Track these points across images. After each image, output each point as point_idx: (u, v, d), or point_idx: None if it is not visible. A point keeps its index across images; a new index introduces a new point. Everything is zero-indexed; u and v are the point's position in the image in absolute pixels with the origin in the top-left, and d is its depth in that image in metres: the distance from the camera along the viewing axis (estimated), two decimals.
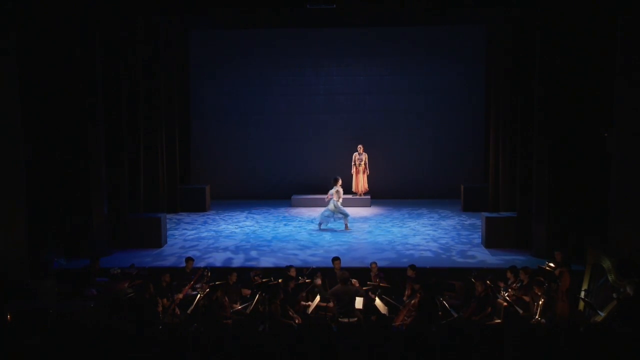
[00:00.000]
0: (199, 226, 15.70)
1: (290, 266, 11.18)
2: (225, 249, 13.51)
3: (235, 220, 16.23)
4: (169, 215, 15.79)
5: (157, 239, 13.68)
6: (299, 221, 16.13)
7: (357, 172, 18.03)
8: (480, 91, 18.58)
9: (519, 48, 13.86)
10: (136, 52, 14.66)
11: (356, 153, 18.03)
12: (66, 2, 12.30)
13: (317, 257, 12.82)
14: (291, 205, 18.10)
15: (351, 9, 15.61)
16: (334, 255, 11.82)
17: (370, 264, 11.35)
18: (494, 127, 16.12)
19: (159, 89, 15.96)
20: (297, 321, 9.91)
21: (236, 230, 15.15)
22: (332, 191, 14.98)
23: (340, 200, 14.97)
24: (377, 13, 17.07)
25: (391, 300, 10.50)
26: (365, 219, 16.33)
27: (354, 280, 10.60)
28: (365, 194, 18.09)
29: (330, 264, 11.45)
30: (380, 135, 19.02)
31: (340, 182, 15.09)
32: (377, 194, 18.44)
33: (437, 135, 19.09)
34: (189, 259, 11.34)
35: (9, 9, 11.01)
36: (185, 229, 15.35)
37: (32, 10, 11.86)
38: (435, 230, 15.03)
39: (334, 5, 13.14)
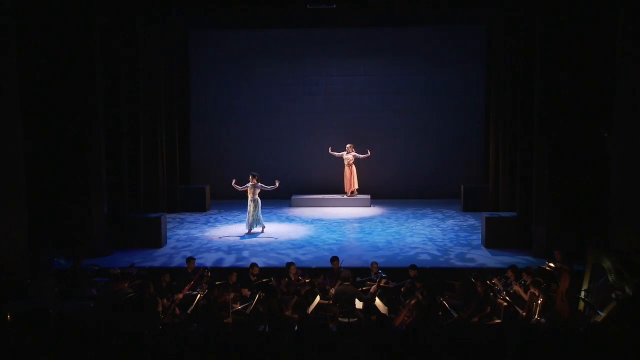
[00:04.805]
0: (202, 225, 15.70)
1: (291, 263, 11.19)
2: (218, 249, 13.50)
3: (238, 221, 16.19)
4: (170, 215, 15.78)
5: (157, 239, 13.67)
6: (300, 221, 16.11)
7: (347, 172, 17.96)
8: (480, 91, 18.57)
9: (519, 48, 13.86)
10: (136, 51, 14.65)
11: (344, 152, 17.98)
12: (66, 2, 12.30)
13: (309, 255, 12.85)
14: (291, 205, 18.08)
15: (351, 9, 15.60)
16: (326, 254, 11.80)
17: (371, 263, 11.32)
18: (494, 127, 16.13)
19: (159, 88, 15.95)
20: (289, 314, 9.87)
21: (237, 230, 15.13)
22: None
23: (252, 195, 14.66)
24: (377, 13, 17.07)
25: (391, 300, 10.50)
26: (368, 219, 16.31)
27: (372, 288, 10.53)
28: (353, 193, 18.01)
29: (323, 263, 11.44)
30: (380, 135, 18.98)
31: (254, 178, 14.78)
32: (377, 194, 18.42)
33: (437, 135, 19.05)
34: (190, 259, 11.34)
35: (9, 7, 11.01)
36: (188, 229, 15.35)
37: (32, 9, 11.86)
38: (435, 231, 15.00)
39: (334, 5, 13.14)
